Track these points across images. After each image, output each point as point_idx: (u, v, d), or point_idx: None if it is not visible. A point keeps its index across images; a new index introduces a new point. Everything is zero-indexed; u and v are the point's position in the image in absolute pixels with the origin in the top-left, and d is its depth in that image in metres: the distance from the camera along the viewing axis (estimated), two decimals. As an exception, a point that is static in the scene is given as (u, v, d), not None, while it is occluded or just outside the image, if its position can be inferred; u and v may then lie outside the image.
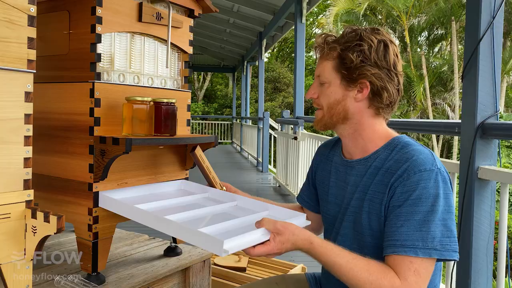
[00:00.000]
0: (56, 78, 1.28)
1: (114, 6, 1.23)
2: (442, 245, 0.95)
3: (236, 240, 0.94)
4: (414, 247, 0.95)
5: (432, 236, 0.95)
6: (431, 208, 0.96)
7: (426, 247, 0.95)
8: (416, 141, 1.08)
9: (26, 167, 1.02)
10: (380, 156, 1.07)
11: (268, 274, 2.18)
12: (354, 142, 1.12)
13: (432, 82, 15.15)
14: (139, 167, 1.36)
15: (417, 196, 0.97)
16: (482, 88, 1.80)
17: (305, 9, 5.51)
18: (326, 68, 1.10)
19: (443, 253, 0.95)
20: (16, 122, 1.00)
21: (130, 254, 1.53)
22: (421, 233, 0.95)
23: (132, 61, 1.33)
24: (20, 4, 0.98)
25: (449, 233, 0.96)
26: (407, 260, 0.95)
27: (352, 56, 1.04)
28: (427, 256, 0.95)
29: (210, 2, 1.50)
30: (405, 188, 0.99)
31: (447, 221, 0.97)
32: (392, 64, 1.06)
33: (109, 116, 1.24)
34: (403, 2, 14.51)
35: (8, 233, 1.00)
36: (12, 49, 0.97)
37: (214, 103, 21.53)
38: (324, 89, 1.11)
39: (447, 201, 0.98)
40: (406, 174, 1.00)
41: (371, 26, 1.11)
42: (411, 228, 0.96)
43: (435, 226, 0.96)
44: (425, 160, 1.00)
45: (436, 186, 0.97)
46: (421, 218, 0.96)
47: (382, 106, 1.08)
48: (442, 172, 1.00)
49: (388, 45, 1.07)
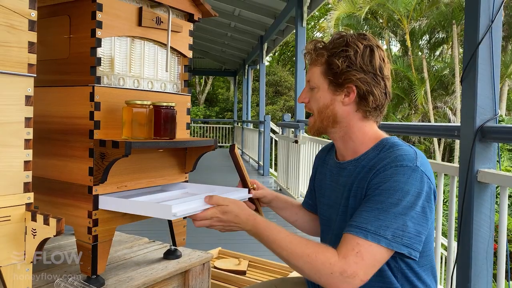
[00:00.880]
0: (57, 82, 1.30)
1: (114, 10, 1.24)
2: (393, 236, 0.97)
3: (183, 205, 1.08)
4: (366, 230, 0.97)
5: (387, 225, 0.97)
6: (396, 202, 0.98)
7: (376, 233, 0.97)
8: (404, 142, 1.10)
9: (26, 170, 1.03)
10: (369, 157, 1.10)
11: (268, 277, 2.18)
12: (345, 144, 1.16)
13: (434, 86, 15.14)
14: (139, 170, 1.37)
15: (387, 187, 1.00)
16: (481, 92, 1.81)
17: (305, 13, 5.53)
18: (315, 73, 1.14)
19: (392, 244, 0.96)
20: (17, 126, 1.00)
21: (130, 257, 1.53)
22: (378, 220, 0.98)
23: (132, 65, 1.34)
24: (21, 9, 0.99)
25: (405, 228, 0.97)
26: (355, 241, 0.98)
27: (338, 61, 1.08)
28: (376, 242, 0.96)
29: (210, 6, 1.51)
30: (379, 179, 1.02)
31: (407, 217, 0.97)
32: (378, 68, 1.09)
33: (109, 120, 1.24)
34: (404, 6, 14.53)
35: (8, 236, 1.00)
36: (12, 53, 0.98)
37: (215, 106, 21.56)
38: (314, 94, 1.15)
39: (417, 201, 0.99)
40: (383, 168, 1.03)
41: (359, 32, 1.14)
42: (371, 214, 0.99)
43: (393, 218, 0.97)
44: (405, 157, 1.02)
45: (409, 183, 0.99)
46: (383, 208, 0.98)
47: (369, 110, 1.11)
48: (421, 172, 1.01)
49: (374, 50, 1.09)
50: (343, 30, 15.74)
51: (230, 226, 1.08)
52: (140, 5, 1.33)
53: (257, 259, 2.33)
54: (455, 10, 14.21)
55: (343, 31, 1.16)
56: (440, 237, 2.19)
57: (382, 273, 1.05)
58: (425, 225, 1.00)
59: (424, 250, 1.05)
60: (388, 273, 1.05)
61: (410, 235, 0.98)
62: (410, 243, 0.97)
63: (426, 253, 1.08)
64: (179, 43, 1.48)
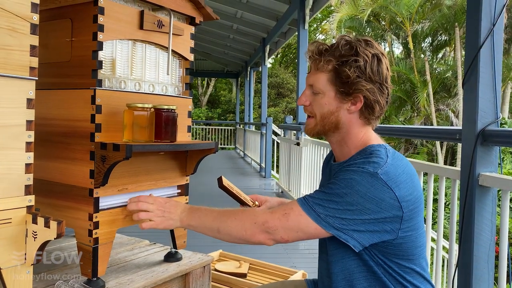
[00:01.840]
0: (58, 85, 1.30)
1: (115, 14, 1.25)
2: (326, 216, 1.03)
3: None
4: (306, 201, 1.07)
5: (324, 207, 1.03)
6: (342, 194, 1.03)
7: (312, 207, 1.04)
8: (388, 151, 1.10)
9: (28, 173, 1.03)
10: (350, 160, 1.13)
11: (269, 280, 2.18)
12: (340, 148, 1.19)
13: (436, 88, 15.12)
14: (140, 173, 1.37)
15: (341, 180, 1.05)
16: (482, 95, 1.81)
17: (308, 16, 5.54)
18: (321, 79, 1.13)
19: (322, 222, 1.03)
20: (18, 129, 1.01)
21: (131, 259, 1.53)
22: (319, 200, 1.05)
23: (133, 68, 1.35)
24: (23, 12, 1.00)
25: (340, 215, 1.02)
26: (290, 206, 1.08)
27: (349, 71, 1.08)
28: (306, 212, 1.04)
29: (211, 10, 1.52)
30: (338, 173, 1.08)
31: (346, 209, 1.02)
32: (384, 79, 1.11)
33: (110, 123, 1.25)
34: (407, 9, 14.52)
35: (9, 238, 1.01)
36: (14, 56, 0.99)
37: (217, 108, 21.59)
38: (318, 98, 1.15)
39: (365, 203, 1.01)
40: (348, 165, 1.08)
41: (363, 38, 1.14)
42: (318, 194, 1.07)
43: (333, 204, 1.03)
44: (371, 164, 1.05)
45: (362, 185, 1.02)
46: (329, 193, 1.05)
47: (373, 118, 1.14)
48: (380, 180, 1.02)
49: (381, 59, 1.10)
50: (346, 32, 15.76)
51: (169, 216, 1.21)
52: (141, 8, 1.34)
53: (258, 262, 2.33)
54: (457, 12, 14.19)
55: (347, 35, 1.15)
56: (441, 240, 2.19)
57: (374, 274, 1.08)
58: (367, 223, 1.02)
59: (403, 255, 1.07)
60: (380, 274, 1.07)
61: (344, 222, 1.02)
62: (341, 228, 1.02)
63: (408, 258, 1.09)
64: (181, 46, 1.48)
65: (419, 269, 1.11)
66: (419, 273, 1.11)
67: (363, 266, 1.08)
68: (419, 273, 1.11)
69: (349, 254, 1.08)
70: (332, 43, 1.15)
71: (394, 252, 1.07)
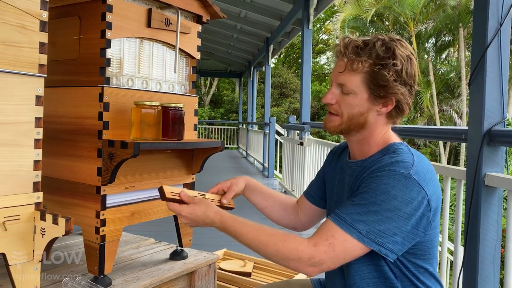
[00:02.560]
0: (66, 82, 1.30)
1: (123, 12, 1.25)
2: (368, 232, 0.98)
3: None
4: (343, 219, 1.00)
5: (363, 220, 0.99)
6: (379, 202, 0.99)
7: (352, 225, 0.99)
8: (410, 149, 1.10)
9: (36, 170, 1.04)
10: (373, 158, 1.10)
11: (273, 279, 2.18)
12: (360, 146, 1.16)
13: (439, 89, 15.08)
14: (146, 171, 1.37)
15: (375, 187, 1.01)
16: (489, 95, 1.80)
17: (312, 15, 5.53)
18: (354, 80, 1.07)
19: (365, 239, 0.98)
20: (27, 125, 1.01)
21: (137, 257, 1.54)
22: (357, 215, 0.99)
23: (141, 66, 1.35)
24: (32, 10, 1.00)
25: (381, 227, 0.98)
26: (330, 232, 1.01)
27: (387, 75, 1.04)
28: (348, 233, 0.98)
29: (218, 8, 1.52)
30: (371, 179, 1.03)
31: (386, 218, 0.98)
32: (415, 81, 1.09)
33: (117, 120, 1.25)
34: (411, 9, 14.49)
35: (17, 235, 1.01)
36: (24, 53, 0.99)
37: (220, 108, 21.59)
38: (348, 99, 1.09)
39: (402, 206, 0.99)
40: (377, 169, 1.04)
41: (396, 37, 1.09)
42: (353, 207, 1.01)
43: (372, 216, 0.98)
44: (401, 164, 1.02)
45: (397, 188, 0.99)
46: (365, 204, 1.00)
47: (400, 118, 1.12)
48: (414, 180, 1.00)
49: (413, 59, 1.07)
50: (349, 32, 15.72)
51: (198, 222, 1.11)
52: (149, 6, 1.34)
53: (262, 261, 2.33)
54: (461, 13, 14.15)
55: (380, 34, 1.10)
56: (446, 241, 2.18)
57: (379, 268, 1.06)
58: (404, 229, 1.00)
59: (420, 254, 1.06)
60: (386, 268, 1.07)
61: (385, 235, 0.99)
62: (382, 242, 0.99)
63: (424, 257, 1.08)
64: (188, 45, 1.48)
65: (432, 269, 1.10)
66: (432, 273, 1.10)
67: (375, 272, 1.07)
68: (432, 274, 1.10)
69: (365, 258, 1.06)
70: (365, 40, 1.08)
71: (414, 252, 1.06)
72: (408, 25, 15.13)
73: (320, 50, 23.09)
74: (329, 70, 21.92)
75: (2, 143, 0.97)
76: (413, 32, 15.14)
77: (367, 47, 1.06)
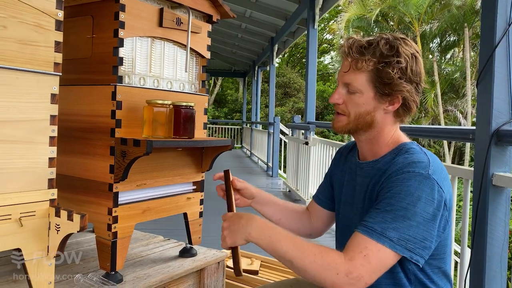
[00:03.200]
0: (79, 81, 1.32)
1: (136, 11, 1.26)
2: (398, 239, 0.97)
3: None
4: (372, 230, 0.98)
5: (393, 227, 0.97)
6: (405, 206, 0.98)
7: (382, 234, 0.97)
8: (421, 148, 1.10)
9: (51, 167, 1.05)
10: (385, 159, 1.10)
11: (280, 278, 2.19)
12: (370, 146, 1.16)
13: (444, 89, 15.04)
14: (157, 168, 1.39)
15: (398, 191, 1.00)
16: (497, 95, 1.80)
17: (317, 15, 5.53)
18: (359, 79, 1.08)
19: (396, 246, 0.97)
20: (42, 123, 1.03)
21: (146, 254, 1.55)
22: (385, 222, 0.98)
23: (152, 65, 1.36)
24: (48, 9, 1.02)
25: (412, 232, 0.98)
26: (363, 244, 0.98)
27: (392, 72, 1.04)
28: (380, 242, 0.97)
29: (229, 8, 1.53)
30: (391, 183, 1.02)
31: (415, 222, 0.98)
32: (421, 78, 1.09)
33: (129, 119, 1.27)
34: (416, 9, 14.45)
35: (33, 231, 1.03)
36: (40, 52, 1.01)
37: (224, 107, 21.62)
38: (355, 98, 1.10)
39: (427, 207, 0.99)
40: (395, 172, 1.03)
41: (400, 36, 1.10)
42: (380, 215, 1.00)
43: (401, 221, 0.98)
44: (419, 164, 1.02)
45: (420, 189, 0.99)
46: (391, 210, 0.99)
47: (407, 116, 1.12)
48: (433, 180, 1.00)
49: (418, 57, 1.08)
50: (354, 32, 15.69)
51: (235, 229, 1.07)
52: (161, 6, 1.35)
53: (269, 259, 2.34)
54: (467, 13, 14.10)
55: (384, 33, 1.11)
56: (452, 242, 2.18)
57: (394, 275, 1.06)
58: (432, 232, 1.00)
59: (437, 253, 1.06)
60: (401, 274, 1.06)
61: (415, 240, 0.98)
62: (413, 247, 0.98)
63: (440, 257, 1.08)
64: (198, 44, 1.49)
65: (446, 267, 1.10)
66: (445, 272, 1.10)
67: (390, 278, 1.06)
68: (445, 273, 1.10)
69: None
70: (369, 40, 1.09)
71: (431, 252, 1.04)
72: (413, 25, 15.09)
73: (324, 49, 23.07)
74: (333, 70, 21.90)
75: (18, 140, 0.99)
76: (418, 32, 15.10)
77: (371, 46, 1.07)
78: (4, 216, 0.97)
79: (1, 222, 0.96)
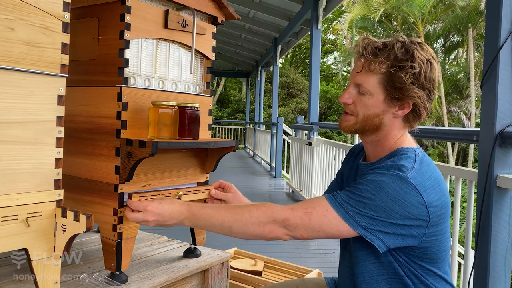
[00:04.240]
0: (84, 82, 1.33)
1: (142, 13, 1.27)
2: (354, 213, 1.01)
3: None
4: (334, 197, 1.04)
5: (351, 204, 1.01)
6: (371, 193, 1.01)
7: (341, 204, 1.02)
8: (417, 156, 1.09)
9: (57, 168, 1.06)
10: (380, 161, 1.11)
11: (284, 278, 2.19)
12: (374, 148, 1.16)
13: (448, 90, 15.00)
14: (162, 169, 1.39)
15: (371, 180, 1.03)
16: (501, 97, 1.80)
17: (321, 16, 5.54)
18: (371, 80, 1.08)
19: (350, 220, 1.01)
20: (49, 124, 1.04)
21: (151, 254, 1.56)
22: (348, 198, 1.03)
23: (158, 67, 1.37)
24: (55, 11, 1.02)
25: (368, 214, 1.00)
26: (313, 204, 1.04)
27: (404, 77, 1.03)
28: (335, 209, 1.02)
29: (233, 9, 1.54)
30: (370, 174, 1.06)
31: (374, 208, 1.00)
32: (434, 85, 1.08)
33: (135, 120, 1.27)
34: (419, 9, 14.42)
35: (39, 231, 1.03)
36: (47, 54, 1.02)
37: (227, 107, 21.65)
38: (365, 99, 1.10)
39: (394, 206, 1.00)
40: (378, 168, 1.06)
41: (417, 40, 1.09)
42: (346, 192, 1.05)
43: (362, 203, 1.01)
44: (400, 167, 1.03)
45: (391, 187, 1.00)
46: (357, 192, 1.03)
47: (417, 122, 1.12)
48: (409, 183, 1.01)
49: (433, 64, 1.07)
50: (357, 33, 15.68)
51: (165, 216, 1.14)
52: (166, 7, 1.36)
53: (273, 260, 2.34)
54: (471, 13, 14.07)
55: (400, 36, 1.10)
56: (456, 244, 2.18)
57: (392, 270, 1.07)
58: (394, 227, 1.01)
59: (426, 257, 1.07)
60: (399, 270, 1.07)
61: (372, 222, 1.00)
62: (368, 227, 1.01)
63: (433, 261, 1.09)
64: (203, 46, 1.50)
65: (442, 272, 1.10)
66: (442, 276, 1.10)
67: (384, 269, 1.07)
68: (442, 277, 1.10)
69: (372, 256, 1.07)
70: (385, 42, 1.09)
71: (419, 255, 1.06)
72: (416, 25, 15.06)
73: (327, 50, 23.05)
74: (336, 70, 21.87)
75: (25, 141, 1.00)
76: (421, 32, 15.07)
77: (386, 49, 1.07)
78: (11, 217, 0.98)
79: (8, 223, 0.97)
